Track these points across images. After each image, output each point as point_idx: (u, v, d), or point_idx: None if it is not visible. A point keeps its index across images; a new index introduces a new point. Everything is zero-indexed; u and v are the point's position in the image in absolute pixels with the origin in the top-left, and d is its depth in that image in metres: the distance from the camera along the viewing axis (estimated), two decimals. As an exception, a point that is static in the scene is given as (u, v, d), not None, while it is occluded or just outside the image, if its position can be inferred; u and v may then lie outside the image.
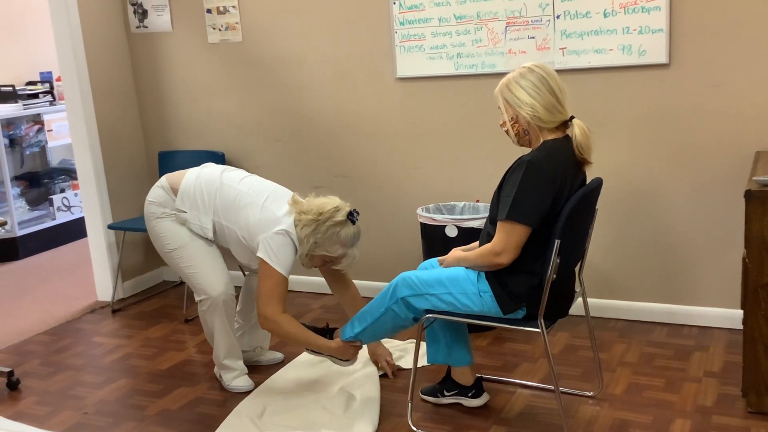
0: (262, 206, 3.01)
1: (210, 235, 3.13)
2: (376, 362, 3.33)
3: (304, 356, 3.49)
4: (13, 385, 3.43)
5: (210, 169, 3.22)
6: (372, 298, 2.92)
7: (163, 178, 3.25)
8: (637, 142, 3.57)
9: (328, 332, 3.05)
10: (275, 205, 3.02)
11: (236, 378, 3.28)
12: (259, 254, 2.94)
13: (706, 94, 3.40)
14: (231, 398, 3.18)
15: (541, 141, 2.62)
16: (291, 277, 3.03)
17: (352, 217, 2.95)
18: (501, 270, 2.58)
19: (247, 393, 3.22)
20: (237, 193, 3.08)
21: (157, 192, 3.21)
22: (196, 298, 3.20)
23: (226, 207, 3.08)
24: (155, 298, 4.57)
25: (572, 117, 2.63)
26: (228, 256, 3.25)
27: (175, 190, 3.16)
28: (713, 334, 3.52)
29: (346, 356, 3.04)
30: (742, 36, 3.29)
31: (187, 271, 3.17)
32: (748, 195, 2.68)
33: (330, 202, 2.97)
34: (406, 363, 3.36)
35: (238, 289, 3.30)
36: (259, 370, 3.42)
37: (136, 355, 3.74)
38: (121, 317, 4.31)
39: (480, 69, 3.78)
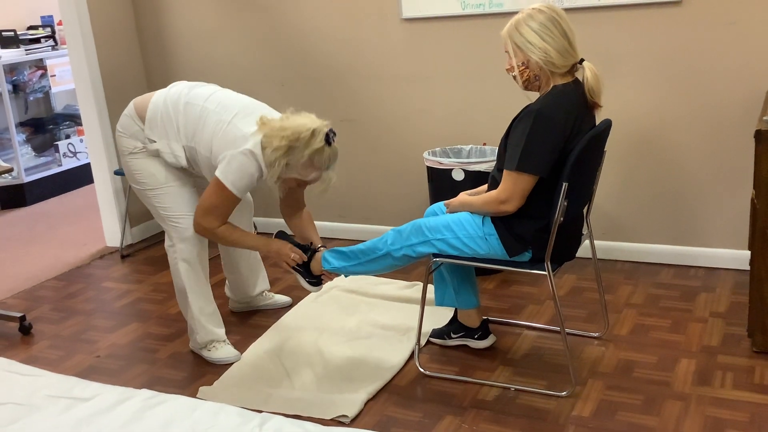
0: (229, 123, 2.78)
1: (183, 162, 2.92)
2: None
3: (313, 296, 3.52)
4: (25, 329, 3.48)
5: (178, 88, 2.97)
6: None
7: (131, 104, 3.00)
8: (646, 82, 3.52)
9: (309, 251, 2.93)
10: (244, 122, 2.77)
11: (218, 347, 3.08)
12: (216, 171, 2.75)
13: (719, 32, 3.34)
14: (241, 341, 3.21)
15: (551, 86, 2.57)
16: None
17: (329, 138, 2.68)
18: (507, 213, 2.58)
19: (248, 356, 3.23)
20: (202, 111, 2.84)
21: (124, 122, 2.98)
22: (167, 243, 3.05)
23: (193, 127, 2.85)
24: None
25: (582, 60, 2.57)
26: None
27: (142, 117, 2.93)
28: (720, 275, 3.53)
29: (282, 258, 2.87)
30: (756, -28, 3.21)
31: (162, 213, 3.00)
32: (758, 135, 2.65)
33: (306, 123, 2.68)
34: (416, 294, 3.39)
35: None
36: (267, 314, 3.45)
37: (146, 300, 3.78)
38: (130, 262, 4.34)
39: (487, 8, 3.70)
